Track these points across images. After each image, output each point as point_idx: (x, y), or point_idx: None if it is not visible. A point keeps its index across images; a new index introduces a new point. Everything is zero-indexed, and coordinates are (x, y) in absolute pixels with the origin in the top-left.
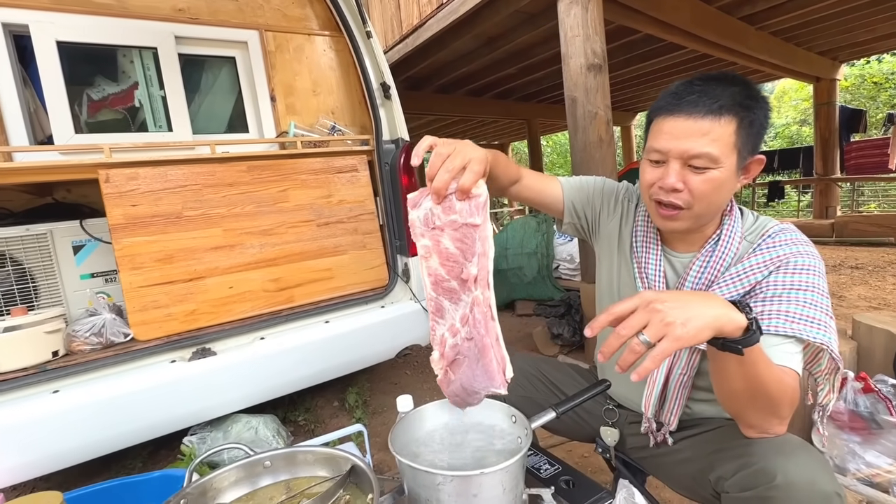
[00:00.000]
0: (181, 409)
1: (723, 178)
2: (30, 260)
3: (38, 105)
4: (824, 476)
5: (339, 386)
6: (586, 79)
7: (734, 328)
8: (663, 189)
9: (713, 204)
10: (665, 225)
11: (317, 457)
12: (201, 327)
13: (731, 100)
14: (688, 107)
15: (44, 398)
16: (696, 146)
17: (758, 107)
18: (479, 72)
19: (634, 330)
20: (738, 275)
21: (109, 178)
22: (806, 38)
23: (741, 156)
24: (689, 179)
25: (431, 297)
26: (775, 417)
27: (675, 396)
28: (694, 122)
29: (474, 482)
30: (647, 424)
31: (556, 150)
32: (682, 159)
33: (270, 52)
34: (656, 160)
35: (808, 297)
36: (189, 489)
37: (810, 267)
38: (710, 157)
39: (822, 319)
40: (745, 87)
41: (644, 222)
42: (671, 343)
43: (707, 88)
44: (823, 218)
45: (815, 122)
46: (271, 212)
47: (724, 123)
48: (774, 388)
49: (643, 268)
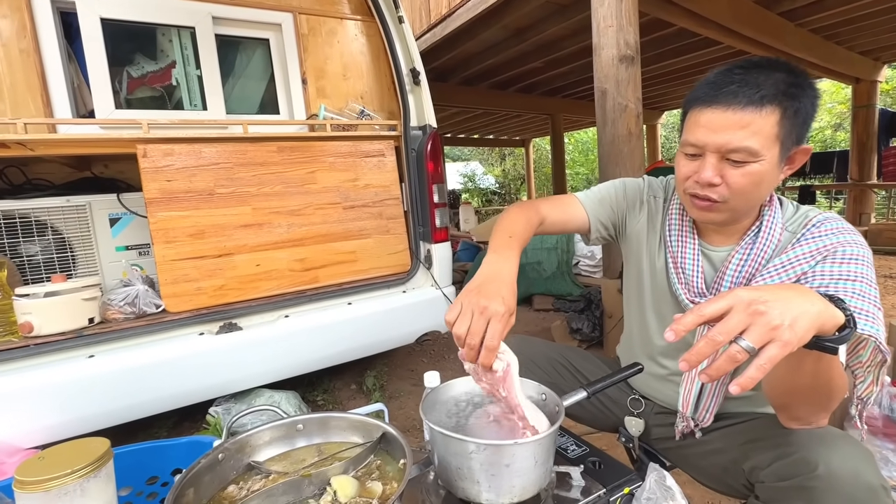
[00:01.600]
0: (208, 380)
1: (763, 171)
2: (69, 230)
3: (82, 80)
4: (869, 468)
5: (357, 369)
6: (617, 70)
7: (832, 326)
8: (699, 183)
9: (753, 198)
10: (701, 216)
11: (349, 423)
12: (229, 302)
13: (775, 88)
14: (726, 97)
15: (80, 362)
16: (734, 139)
17: (804, 94)
18: (505, 64)
19: (732, 335)
20: (784, 266)
21: (147, 153)
22: (847, 37)
23: (784, 147)
24: (727, 173)
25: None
26: (824, 411)
27: (714, 394)
28: (733, 114)
29: (507, 452)
30: (684, 423)
31: (577, 148)
32: (719, 153)
33: (303, 34)
34: (692, 154)
35: (857, 287)
36: (227, 444)
37: (859, 256)
38: (749, 151)
39: (871, 311)
40: (791, 73)
41: (679, 216)
42: (780, 349)
43: (748, 77)
44: (857, 225)
45: (852, 125)
46: (299, 193)
47: (765, 114)
48: (837, 384)
49: (679, 263)
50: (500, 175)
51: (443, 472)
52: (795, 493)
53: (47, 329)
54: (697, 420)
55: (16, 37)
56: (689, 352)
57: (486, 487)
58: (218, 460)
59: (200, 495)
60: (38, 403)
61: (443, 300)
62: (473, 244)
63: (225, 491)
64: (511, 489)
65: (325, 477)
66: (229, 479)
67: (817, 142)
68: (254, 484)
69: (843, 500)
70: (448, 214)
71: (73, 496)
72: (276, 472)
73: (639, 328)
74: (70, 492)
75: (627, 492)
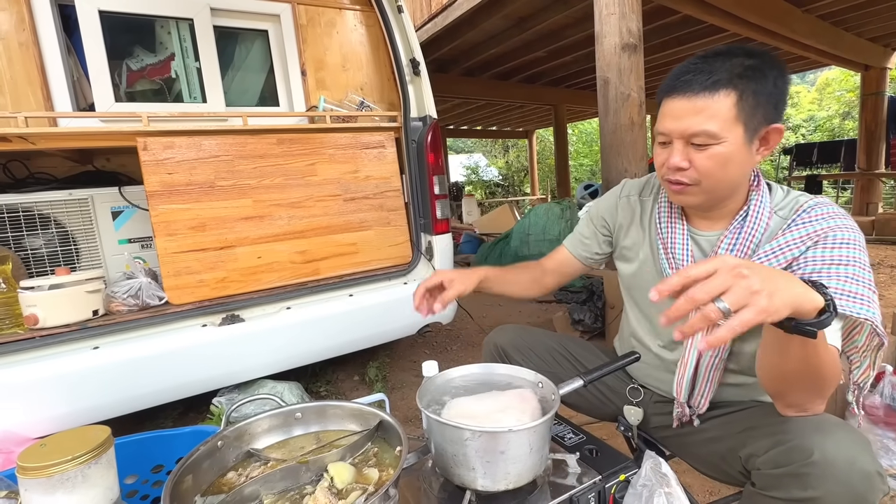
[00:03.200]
0: (211, 371)
1: (727, 152)
2: (72, 223)
3: (81, 74)
4: (864, 455)
5: (360, 361)
6: (620, 59)
7: (811, 308)
8: (670, 168)
9: (723, 179)
10: (678, 199)
11: (346, 412)
12: (231, 294)
13: (728, 73)
14: (683, 86)
15: (85, 353)
16: (693, 124)
17: (764, 75)
18: (507, 54)
19: (713, 294)
20: (774, 251)
21: (147, 145)
22: (856, 23)
23: (749, 128)
24: (693, 157)
25: None
26: (819, 397)
27: (707, 379)
28: (689, 101)
29: (502, 439)
30: (679, 409)
31: (581, 139)
32: (684, 138)
33: (302, 25)
34: (663, 142)
35: (850, 271)
36: (226, 431)
37: (851, 241)
38: (708, 134)
39: (865, 294)
40: (748, 56)
41: (668, 204)
42: (755, 315)
43: (703, 65)
44: (864, 215)
45: (860, 113)
46: (299, 185)
47: (720, 98)
48: (828, 370)
49: (669, 248)
50: (504, 167)
51: (439, 460)
52: (791, 479)
53: (52, 321)
54: (693, 406)
55: (15, 30)
56: (671, 308)
57: (481, 474)
58: (217, 447)
59: (200, 481)
60: (44, 394)
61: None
62: (476, 236)
63: (224, 477)
64: (506, 476)
65: (323, 464)
66: (228, 465)
67: (825, 131)
68: (252, 470)
69: (838, 487)
70: (450, 206)
71: (75, 482)
72: (275, 459)
73: (634, 317)
74: (71, 478)
75: (623, 479)
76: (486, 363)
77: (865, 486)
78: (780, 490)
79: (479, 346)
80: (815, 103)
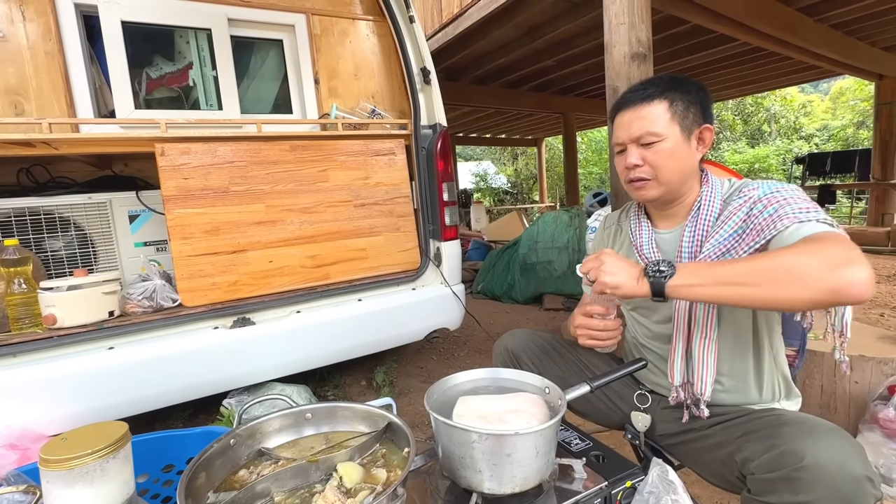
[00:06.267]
0: (222, 372)
1: (671, 147)
2: (91, 226)
3: (103, 81)
4: (855, 460)
5: (367, 366)
6: (629, 69)
7: (645, 291)
8: (629, 169)
9: (673, 169)
10: (640, 195)
11: (355, 413)
12: (242, 298)
13: (658, 88)
14: (626, 103)
15: (101, 353)
16: (639, 128)
17: (685, 88)
18: (517, 63)
19: (586, 270)
20: (722, 221)
21: (165, 151)
22: (870, 32)
23: (684, 127)
24: (645, 155)
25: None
26: (830, 269)
27: (703, 361)
28: (633, 112)
29: (508, 442)
30: (675, 394)
31: (590, 147)
32: (634, 141)
33: (316, 35)
34: (619, 150)
35: (799, 204)
36: (239, 430)
37: (788, 188)
38: (651, 133)
39: (819, 209)
40: (671, 80)
41: (636, 213)
42: (600, 284)
43: (639, 87)
44: (879, 226)
45: (875, 123)
46: (311, 191)
47: (655, 105)
48: (786, 262)
49: (638, 248)
50: (513, 174)
51: (446, 462)
52: (783, 484)
53: (70, 321)
54: (696, 393)
55: (42, 40)
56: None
57: (488, 476)
58: (230, 446)
59: (213, 478)
60: (60, 393)
61: (452, 298)
62: (484, 243)
63: (236, 475)
64: (512, 479)
65: (332, 463)
66: (240, 463)
67: (839, 140)
68: (263, 469)
69: (828, 491)
70: (458, 213)
71: (94, 475)
72: (285, 458)
73: (632, 321)
74: (91, 471)
75: (630, 485)
76: (494, 368)
77: (856, 490)
78: (773, 495)
79: (486, 352)
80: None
